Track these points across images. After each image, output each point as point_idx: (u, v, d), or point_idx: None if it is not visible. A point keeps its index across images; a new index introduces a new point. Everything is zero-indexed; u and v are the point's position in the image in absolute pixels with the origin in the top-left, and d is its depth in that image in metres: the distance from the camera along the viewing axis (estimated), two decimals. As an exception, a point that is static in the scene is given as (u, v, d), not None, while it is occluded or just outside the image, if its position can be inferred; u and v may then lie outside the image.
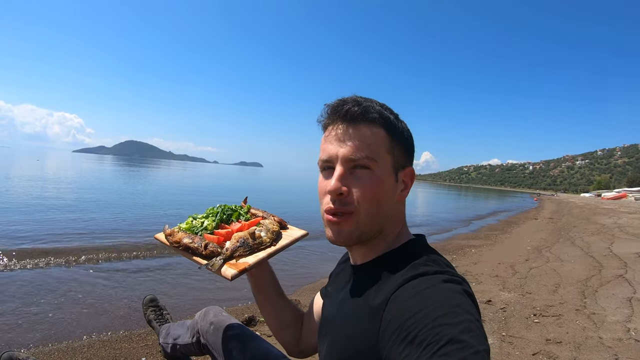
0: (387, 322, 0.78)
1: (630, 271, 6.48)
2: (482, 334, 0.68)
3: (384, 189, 0.95)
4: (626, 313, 4.34)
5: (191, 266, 6.18)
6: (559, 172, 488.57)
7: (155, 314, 2.67)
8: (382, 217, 0.97)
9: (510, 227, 16.09)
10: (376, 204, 0.95)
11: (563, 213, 25.48)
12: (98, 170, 44.29)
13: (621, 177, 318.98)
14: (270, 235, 1.36)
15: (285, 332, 1.47)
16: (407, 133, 1.01)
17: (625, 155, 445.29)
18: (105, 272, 5.64)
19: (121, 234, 8.61)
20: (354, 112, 0.95)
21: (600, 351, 3.37)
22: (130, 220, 10.45)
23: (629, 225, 14.79)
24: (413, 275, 0.83)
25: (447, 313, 0.70)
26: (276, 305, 1.47)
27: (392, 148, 0.97)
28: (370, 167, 0.94)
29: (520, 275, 6.45)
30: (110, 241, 7.70)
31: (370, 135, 0.95)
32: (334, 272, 1.28)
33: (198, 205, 12.59)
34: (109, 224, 9.64)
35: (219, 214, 1.52)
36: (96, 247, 7.12)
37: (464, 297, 0.76)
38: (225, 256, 1.24)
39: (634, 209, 26.92)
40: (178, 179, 36.05)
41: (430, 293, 0.77)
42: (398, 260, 0.92)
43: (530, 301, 4.89)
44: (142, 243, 7.67)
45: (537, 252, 9.06)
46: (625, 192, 71.58)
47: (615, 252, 8.62)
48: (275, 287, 1.49)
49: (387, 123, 0.97)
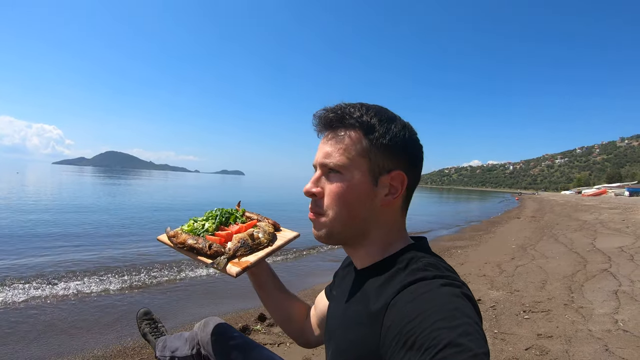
0: (387, 327, 0.80)
1: (615, 265, 6.68)
2: (481, 337, 0.69)
3: (354, 193, 0.97)
4: (613, 305, 4.49)
5: (180, 278, 6.17)
6: (539, 171, 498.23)
7: (150, 327, 2.66)
8: (355, 220, 0.99)
9: (494, 227, 16.34)
10: (344, 207, 0.98)
11: (545, 211, 25.95)
12: (78, 183, 43.43)
13: (600, 173, 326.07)
14: (267, 236, 1.48)
15: (289, 324, 1.54)
16: (395, 134, 0.98)
17: (603, 153, 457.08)
18: (94, 287, 5.57)
19: (106, 247, 8.51)
20: (331, 118, 1.00)
21: (590, 343, 3.49)
22: (114, 234, 10.34)
23: (610, 220, 15.17)
24: (412, 280, 0.84)
25: (446, 317, 0.71)
26: (277, 300, 1.55)
27: (368, 152, 0.97)
28: (341, 171, 0.97)
29: (507, 273, 6.59)
30: (95, 255, 7.63)
31: (346, 140, 0.98)
32: (338, 274, 1.31)
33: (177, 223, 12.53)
34: (94, 238, 9.54)
35: (218, 217, 1.62)
36: (82, 261, 7.06)
37: (463, 301, 0.77)
38: (228, 255, 1.34)
39: (615, 205, 27.58)
40: (157, 191, 35.51)
41: (429, 297, 0.78)
42: (397, 265, 0.93)
43: (518, 298, 5.01)
44: (129, 257, 7.61)
45: (522, 250, 9.24)
46: (605, 188, 73.25)
47: (599, 247, 8.85)
48: (275, 283, 1.57)
49: (365, 127, 0.97)
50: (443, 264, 0.93)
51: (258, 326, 4.16)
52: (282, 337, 3.88)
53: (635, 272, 6.05)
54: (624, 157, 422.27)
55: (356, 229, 1.00)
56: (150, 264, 7.01)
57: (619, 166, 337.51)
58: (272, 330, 4.11)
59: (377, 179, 0.97)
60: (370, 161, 0.97)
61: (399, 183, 0.98)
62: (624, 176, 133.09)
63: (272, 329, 4.15)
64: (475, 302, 0.81)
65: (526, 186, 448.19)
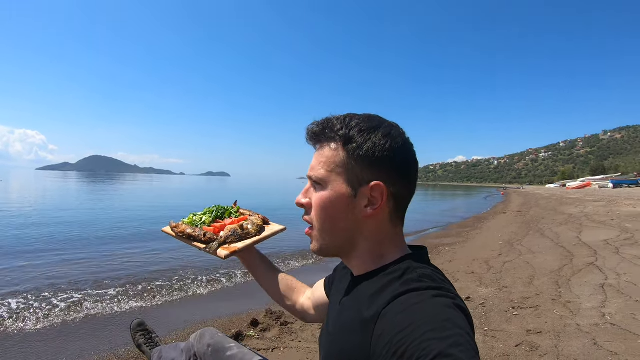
0: (378, 336, 0.81)
1: (601, 258, 6.82)
2: (472, 348, 0.70)
3: (333, 205, 1.00)
4: (600, 299, 4.58)
5: (171, 286, 6.16)
6: (524, 165, 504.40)
7: (145, 337, 2.66)
8: (337, 231, 1.02)
9: (481, 222, 16.53)
10: (326, 220, 1.02)
11: (531, 205, 26.30)
12: (64, 189, 42.76)
13: (584, 166, 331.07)
14: (255, 227, 1.70)
15: (283, 300, 1.64)
16: (375, 145, 0.97)
17: (587, 146, 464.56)
18: (84, 297, 5.49)
19: (95, 256, 8.38)
20: (315, 132, 1.04)
21: (579, 337, 3.57)
22: (103, 242, 10.20)
23: (595, 213, 15.42)
24: (404, 290, 0.86)
25: (436, 328, 0.72)
26: (269, 279, 1.67)
27: (346, 164, 0.98)
28: (322, 184, 1.01)
29: (495, 270, 6.68)
30: (84, 264, 7.55)
31: (327, 152, 1.01)
32: (338, 270, 1.33)
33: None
34: (82, 247, 9.37)
35: (214, 212, 1.85)
36: (71, 270, 6.98)
37: (454, 312, 0.79)
38: (219, 242, 1.58)
39: (599, 197, 28.01)
40: (139, 196, 35.16)
41: (420, 308, 0.79)
42: (392, 275, 0.94)
43: (507, 295, 5.09)
44: (119, 266, 7.54)
45: (509, 246, 9.37)
46: (589, 180, 74.29)
47: (585, 240, 9.01)
48: (266, 265, 1.71)
49: (344, 139, 0.98)
50: (439, 275, 0.95)
51: (251, 332, 4.17)
52: (276, 342, 3.91)
53: (621, 265, 6.19)
54: (607, 149, 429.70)
55: (341, 239, 1.03)
56: (141, 273, 6.94)
57: (603, 159, 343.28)
58: (265, 335, 4.12)
59: (356, 190, 0.98)
60: (349, 173, 0.98)
61: (379, 194, 0.97)
62: (608, 168, 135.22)
63: (265, 334, 4.16)
64: (469, 313, 0.83)
65: (511, 180, 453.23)
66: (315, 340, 3.96)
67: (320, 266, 7.96)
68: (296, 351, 3.70)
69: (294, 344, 3.88)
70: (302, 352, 3.68)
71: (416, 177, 1.05)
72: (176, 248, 8.97)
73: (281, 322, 4.40)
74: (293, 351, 3.71)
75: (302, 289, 1.65)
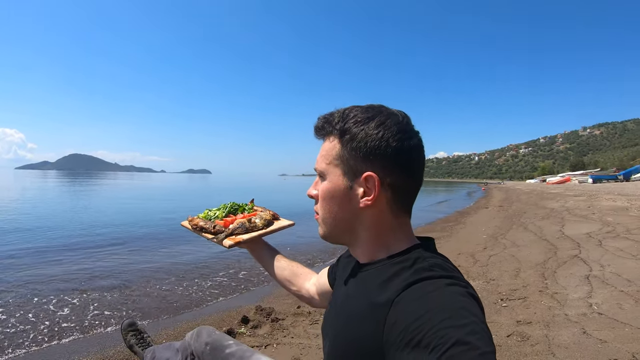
0: (392, 324, 0.81)
1: (584, 251, 6.99)
2: (488, 336, 0.71)
3: (332, 195, 1.04)
4: (586, 290, 4.71)
5: (159, 286, 6.13)
6: (504, 161, 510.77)
7: (137, 338, 2.65)
8: (337, 221, 1.06)
9: (464, 217, 16.76)
10: (327, 208, 1.06)
11: (512, 200, 26.70)
12: (43, 188, 41.97)
13: (564, 162, 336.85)
14: (262, 222, 1.83)
15: (289, 286, 1.70)
16: (367, 136, 0.97)
17: (566, 142, 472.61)
18: (73, 297, 5.43)
19: (80, 257, 8.23)
20: (318, 126, 1.09)
21: (568, 327, 3.67)
22: (86, 242, 10.02)
23: (576, 207, 15.74)
24: (417, 279, 0.86)
25: (452, 316, 0.73)
26: (274, 268, 1.73)
27: (341, 156, 1.01)
28: (323, 176, 1.06)
29: (481, 263, 6.80)
30: (71, 264, 7.44)
31: (327, 146, 1.05)
32: (342, 259, 1.33)
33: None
34: (69, 248, 9.19)
35: (228, 208, 1.99)
36: (59, 271, 6.90)
37: (469, 300, 0.79)
38: (227, 233, 1.71)
39: (579, 192, 28.58)
40: (117, 197, 34.62)
41: (435, 296, 0.79)
42: (402, 264, 0.95)
43: (495, 287, 5.19)
44: (104, 266, 7.44)
45: (493, 239, 9.53)
46: (569, 176, 75.56)
47: (567, 234, 9.22)
48: (272, 255, 1.77)
49: (339, 131, 1.01)
50: (449, 264, 0.96)
51: (242, 329, 4.17)
52: (268, 339, 3.92)
53: (605, 256, 6.35)
54: (587, 145, 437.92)
55: (342, 228, 1.07)
56: (128, 274, 6.88)
57: (582, 154, 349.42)
58: (256, 332, 4.13)
59: (352, 181, 1.01)
60: (344, 164, 1.01)
61: (372, 185, 0.98)
62: (587, 164, 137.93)
63: (256, 330, 4.17)
64: (480, 301, 0.84)
65: (492, 176, 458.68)
66: (308, 336, 3.98)
67: (327, 256, 8.08)
68: (289, 347, 3.72)
69: (287, 340, 3.89)
70: (296, 347, 3.70)
71: (420, 165, 1.03)
72: (162, 248, 9.00)
73: (272, 318, 4.41)
74: (286, 347, 3.72)
75: (308, 275, 1.68)
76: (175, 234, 11.28)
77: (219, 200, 2.09)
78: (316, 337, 3.92)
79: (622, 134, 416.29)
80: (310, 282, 1.64)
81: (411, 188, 1.03)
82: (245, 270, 7.02)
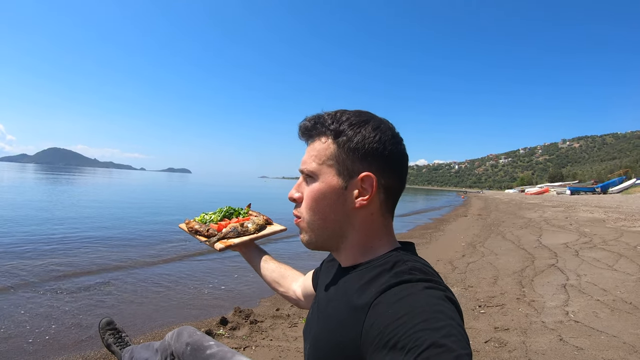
0: (369, 326, 0.82)
1: (561, 260, 7.13)
2: (464, 339, 0.72)
3: (324, 196, 1.03)
4: (563, 298, 4.80)
5: (138, 283, 6.04)
6: (484, 171, 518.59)
7: (114, 337, 2.61)
8: (327, 223, 1.05)
9: (443, 225, 16.89)
10: (317, 212, 1.05)
11: (491, 209, 27.07)
12: (24, 181, 41.17)
13: (543, 173, 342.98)
14: (255, 226, 1.89)
15: (277, 287, 1.74)
16: (364, 137, 1.01)
17: (545, 153, 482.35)
18: (46, 295, 5.29)
19: (56, 253, 8.01)
20: (307, 127, 1.08)
21: (545, 334, 3.74)
22: (62, 238, 9.71)
23: (554, 218, 16.06)
24: (396, 282, 0.87)
25: (429, 318, 0.73)
26: (264, 270, 1.77)
27: (337, 156, 1.01)
28: (313, 176, 1.05)
29: (460, 270, 6.87)
30: (44, 260, 7.21)
31: (318, 146, 1.04)
32: (324, 262, 1.35)
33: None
34: (42, 243, 8.94)
35: (224, 212, 2.06)
36: (30, 266, 6.69)
37: (446, 303, 0.80)
38: (219, 237, 1.80)
39: (557, 203, 29.16)
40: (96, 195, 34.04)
41: (412, 299, 0.80)
42: (382, 267, 0.96)
43: (473, 294, 5.25)
44: (81, 262, 7.29)
45: (471, 247, 9.64)
46: (548, 187, 76.91)
47: (545, 243, 9.40)
48: (262, 258, 1.81)
49: (334, 132, 1.02)
50: (429, 268, 0.96)
51: (221, 330, 4.13)
52: (247, 341, 3.89)
53: (581, 266, 6.49)
54: (565, 157, 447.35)
55: (331, 231, 1.06)
56: (106, 271, 6.77)
57: (561, 166, 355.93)
58: (235, 334, 4.09)
59: (347, 182, 1.01)
60: (339, 165, 1.01)
61: (369, 185, 1.00)
62: (566, 176, 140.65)
63: (235, 332, 4.13)
64: (459, 305, 0.85)
65: (471, 185, 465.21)
66: (287, 339, 3.96)
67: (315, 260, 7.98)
68: (268, 349, 3.70)
69: (265, 342, 3.87)
70: (274, 350, 3.68)
71: (406, 170, 1.08)
72: (139, 247, 8.89)
73: (250, 320, 4.38)
74: (265, 350, 3.70)
75: (296, 276, 1.71)
76: (155, 234, 11.17)
77: (197, 199, 2.08)
78: (295, 340, 3.92)
79: (601, 148, 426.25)
80: (297, 283, 1.66)
81: (399, 191, 1.07)
82: (225, 272, 6.97)
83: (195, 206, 23.29)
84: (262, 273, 1.76)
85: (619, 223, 12.96)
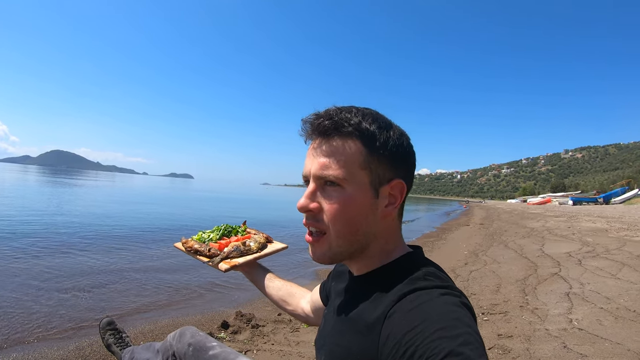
0: (386, 337, 0.80)
1: (564, 269, 7.10)
2: (481, 347, 0.71)
3: (356, 208, 0.95)
4: (566, 306, 4.78)
5: (139, 288, 6.03)
6: (486, 180, 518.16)
7: (115, 337, 2.61)
8: (358, 236, 0.97)
9: (445, 233, 16.85)
10: (347, 224, 0.95)
11: (493, 219, 26.97)
12: (26, 182, 41.30)
13: (545, 183, 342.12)
14: (257, 245, 1.88)
15: (285, 306, 1.70)
16: (395, 142, 0.96)
17: (548, 163, 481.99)
18: (48, 295, 5.30)
19: (59, 253, 8.07)
20: (325, 126, 0.95)
21: (549, 341, 3.72)
22: (62, 242, 9.70)
23: (557, 227, 15.98)
24: (411, 289, 0.85)
25: (446, 326, 0.72)
26: (270, 289, 1.74)
27: (369, 163, 0.94)
28: (341, 184, 0.94)
29: (462, 278, 6.85)
30: (46, 261, 7.25)
31: (343, 150, 0.94)
32: (333, 273, 1.32)
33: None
34: (45, 243, 9.00)
35: (222, 230, 2.05)
36: (32, 267, 6.71)
37: (462, 310, 0.79)
38: (222, 256, 1.75)
39: (560, 213, 29.03)
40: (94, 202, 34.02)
41: (428, 307, 0.79)
42: (395, 274, 0.94)
43: (476, 301, 5.23)
44: (82, 264, 7.28)
45: (474, 256, 9.61)
46: (550, 197, 76.68)
47: (547, 252, 9.35)
48: (267, 277, 1.78)
49: (364, 136, 0.94)
50: (442, 273, 0.96)
51: (222, 334, 4.14)
52: (248, 345, 3.90)
53: (584, 275, 6.46)
54: (568, 168, 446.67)
55: (358, 244, 0.99)
56: (107, 272, 6.77)
57: (563, 177, 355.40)
58: (236, 337, 4.10)
59: (377, 190, 0.96)
60: (372, 172, 0.95)
61: (398, 192, 0.98)
62: (568, 186, 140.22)
63: (236, 336, 4.14)
64: (473, 310, 0.84)
65: (473, 194, 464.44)
66: (288, 343, 3.96)
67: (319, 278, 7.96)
68: (270, 354, 3.69)
69: (267, 346, 3.87)
70: (276, 354, 3.68)
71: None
72: (141, 249, 8.94)
73: (252, 324, 4.39)
74: (267, 354, 3.70)
75: (303, 293, 1.69)
76: (155, 236, 11.25)
77: (199, 208, 2.07)
78: (297, 345, 3.91)
79: (604, 158, 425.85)
80: (305, 300, 1.64)
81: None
82: (226, 275, 6.93)
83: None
84: (267, 292, 1.74)
85: (622, 233, 12.90)
